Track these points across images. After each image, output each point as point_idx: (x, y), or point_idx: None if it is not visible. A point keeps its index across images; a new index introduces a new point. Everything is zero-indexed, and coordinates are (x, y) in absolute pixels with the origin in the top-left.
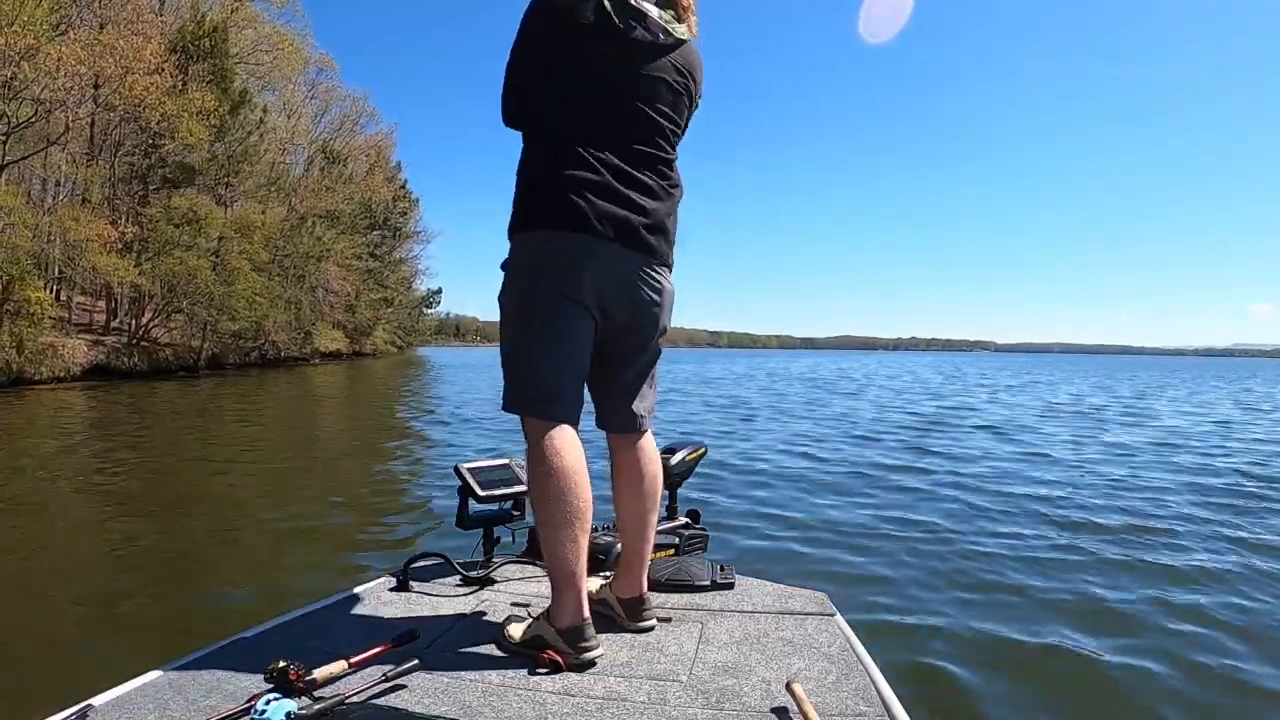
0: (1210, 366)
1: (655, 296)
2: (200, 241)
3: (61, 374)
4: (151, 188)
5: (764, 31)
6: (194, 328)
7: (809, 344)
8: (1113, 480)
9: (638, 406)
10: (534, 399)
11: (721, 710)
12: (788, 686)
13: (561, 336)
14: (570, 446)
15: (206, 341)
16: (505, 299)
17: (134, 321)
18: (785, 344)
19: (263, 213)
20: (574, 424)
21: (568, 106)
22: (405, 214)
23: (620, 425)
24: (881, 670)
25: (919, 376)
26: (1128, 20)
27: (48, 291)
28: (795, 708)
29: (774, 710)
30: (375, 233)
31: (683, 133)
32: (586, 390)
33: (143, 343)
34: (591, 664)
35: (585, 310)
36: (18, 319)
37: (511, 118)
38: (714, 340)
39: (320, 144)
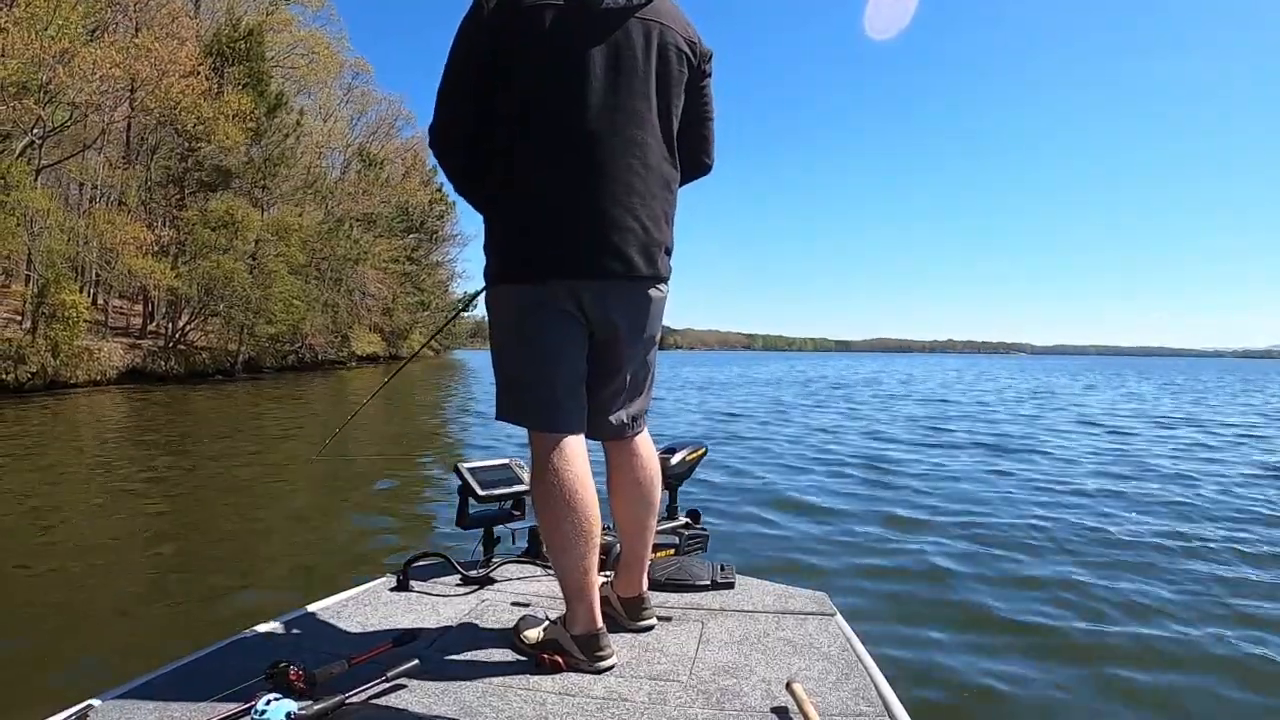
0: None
1: (644, 314)
2: (237, 244)
3: (98, 377)
4: (188, 191)
5: (778, 27)
6: (231, 331)
7: (844, 347)
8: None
9: (623, 414)
10: (531, 409)
11: (722, 710)
12: (788, 686)
13: (555, 345)
14: (574, 460)
15: (243, 345)
16: (492, 311)
17: (171, 325)
18: (820, 347)
19: (300, 215)
20: (578, 431)
21: (535, 112)
22: (442, 217)
23: (608, 433)
24: (881, 670)
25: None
26: (1149, 10)
27: (84, 295)
28: (795, 708)
29: (774, 710)
30: (412, 236)
31: (687, 103)
32: None
33: (179, 346)
34: (606, 670)
35: (575, 320)
36: (53, 322)
37: (454, 144)
38: (748, 343)
39: (357, 147)
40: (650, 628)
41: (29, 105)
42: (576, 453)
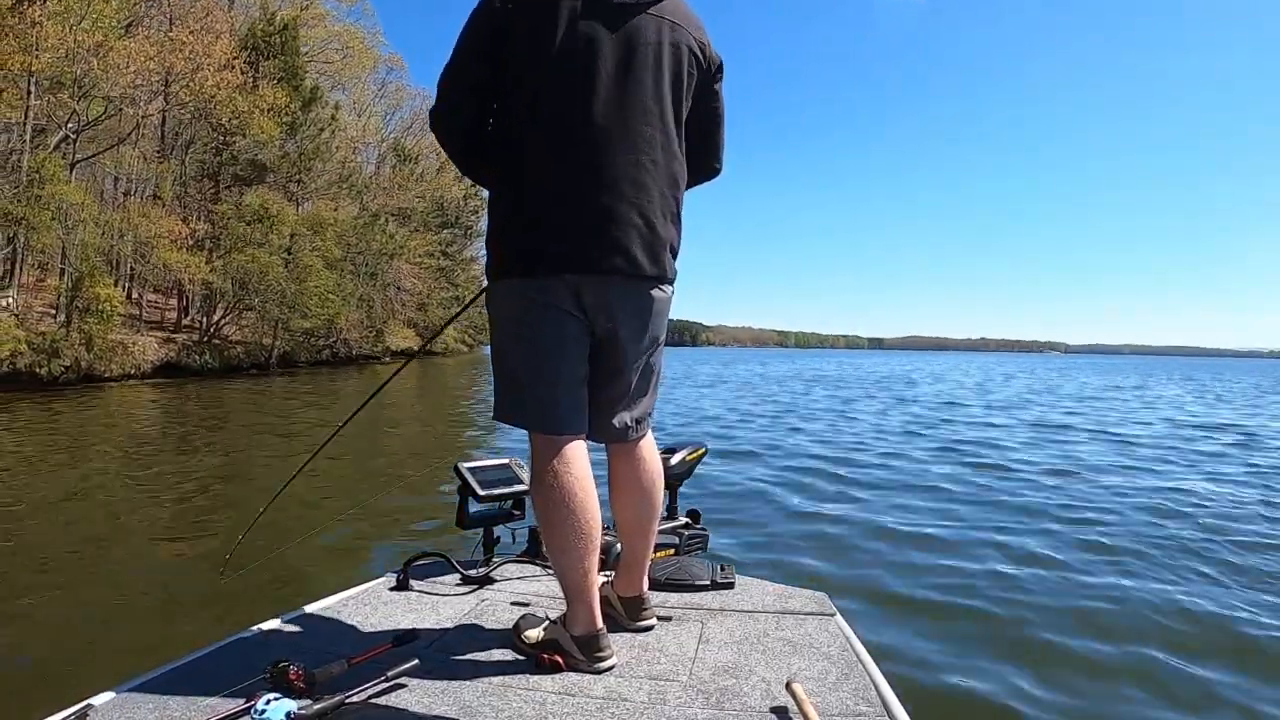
0: None
1: (646, 313)
2: (272, 239)
3: (132, 371)
4: (223, 185)
5: (782, 27)
6: (265, 325)
7: (877, 344)
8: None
9: (627, 417)
10: (531, 409)
11: (721, 710)
12: (788, 686)
13: (555, 344)
14: (574, 462)
15: (278, 339)
16: (492, 309)
17: (205, 319)
18: (853, 344)
19: (335, 210)
20: (579, 432)
21: (545, 104)
22: (476, 212)
23: (611, 436)
24: (881, 670)
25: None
26: (1170, 6)
27: (119, 289)
28: (795, 708)
29: (774, 710)
30: (447, 231)
31: (697, 107)
32: None
33: (214, 340)
34: (606, 670)
35: (576, 319)
36: (87, 316)
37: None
38: (781, 340)
39: (391, 142)
40: (650, 628)
41: (64, 99)
42: (577, 454)
